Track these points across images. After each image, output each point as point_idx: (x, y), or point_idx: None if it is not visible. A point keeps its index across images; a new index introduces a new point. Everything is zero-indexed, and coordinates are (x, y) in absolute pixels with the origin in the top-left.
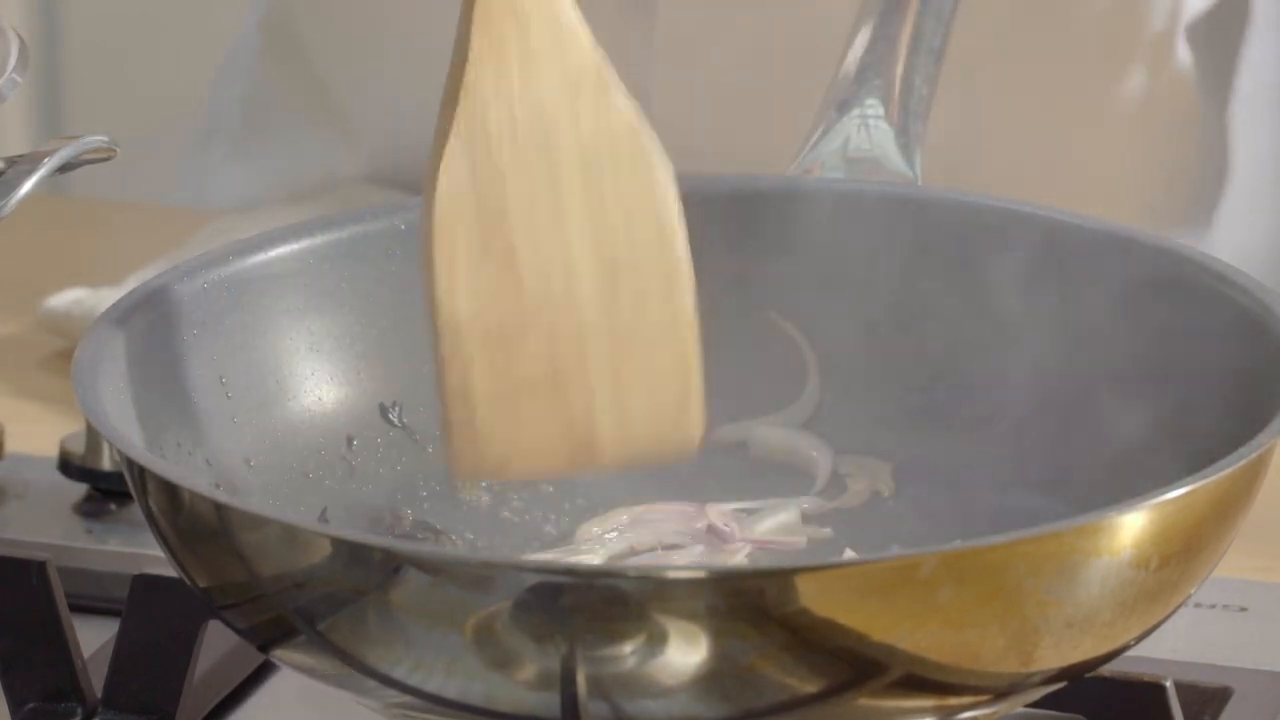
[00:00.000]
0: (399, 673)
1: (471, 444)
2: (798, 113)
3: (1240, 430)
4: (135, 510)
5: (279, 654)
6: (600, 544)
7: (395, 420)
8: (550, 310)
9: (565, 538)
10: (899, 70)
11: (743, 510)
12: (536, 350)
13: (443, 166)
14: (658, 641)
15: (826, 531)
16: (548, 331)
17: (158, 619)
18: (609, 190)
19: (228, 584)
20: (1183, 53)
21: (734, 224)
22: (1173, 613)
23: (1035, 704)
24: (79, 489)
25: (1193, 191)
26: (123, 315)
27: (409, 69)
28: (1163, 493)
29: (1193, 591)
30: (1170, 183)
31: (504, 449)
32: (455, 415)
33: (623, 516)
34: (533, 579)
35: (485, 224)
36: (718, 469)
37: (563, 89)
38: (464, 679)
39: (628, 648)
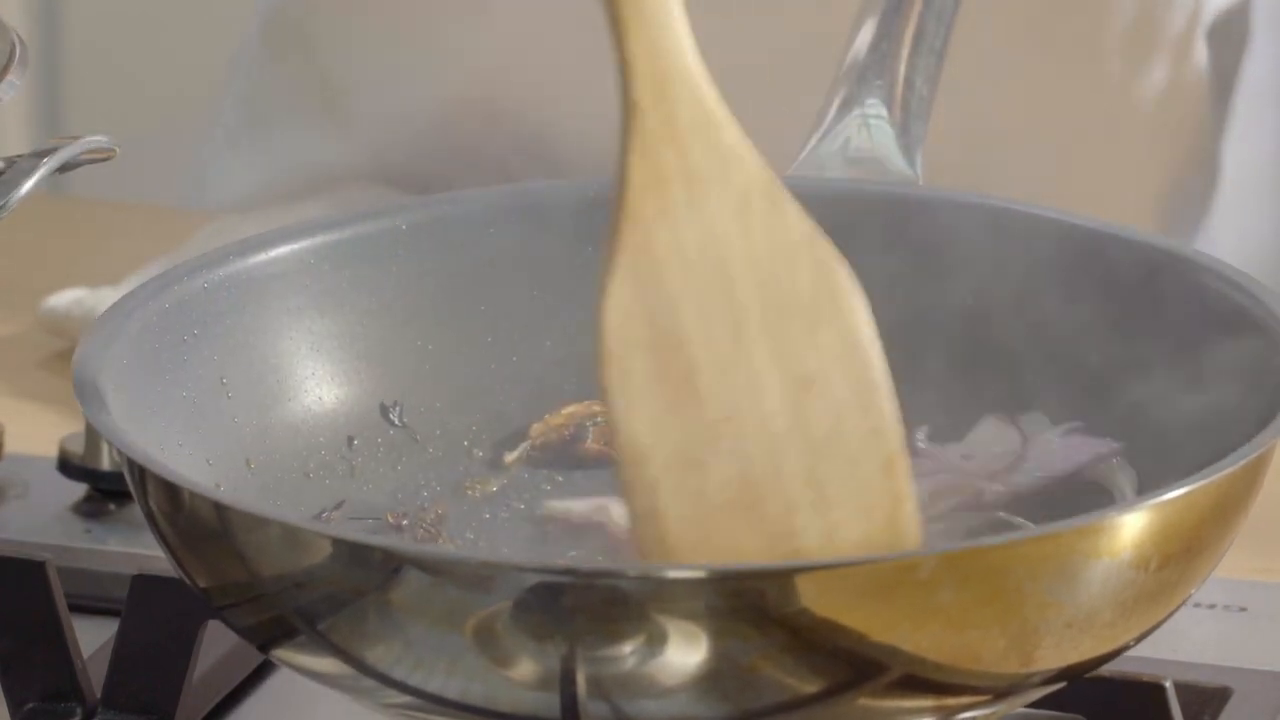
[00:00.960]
0: (399, 673)
1: None
2: (797, 112)
3: (1240, 430)
4: (135, 510)
5: (279, 654)
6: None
7: (395, 420)
8: (738, 429)
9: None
10: (900, 70)
11: None
12: (727, 471)
13: (609, 294)
14: (658, 641)
15: None
16: (737, 450)
17: (157, 619)
18: (790, 304)
19: (228, 584)
20: (1200, 54)
21: None
22: (1172, 613)
23: (1035, 704)
24: (78, 489)
25: (1207, 192)
26: (122, 315)
27: (415, 67)
28: (1162, 493)
29: (1193, 592)
30: (1186, 183)
31: None
32: (648, 541)
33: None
34: (533, 579)
35: (660, 348)
36: None
37: (731, 208)
38: (464, 679)
39: (628, 648)
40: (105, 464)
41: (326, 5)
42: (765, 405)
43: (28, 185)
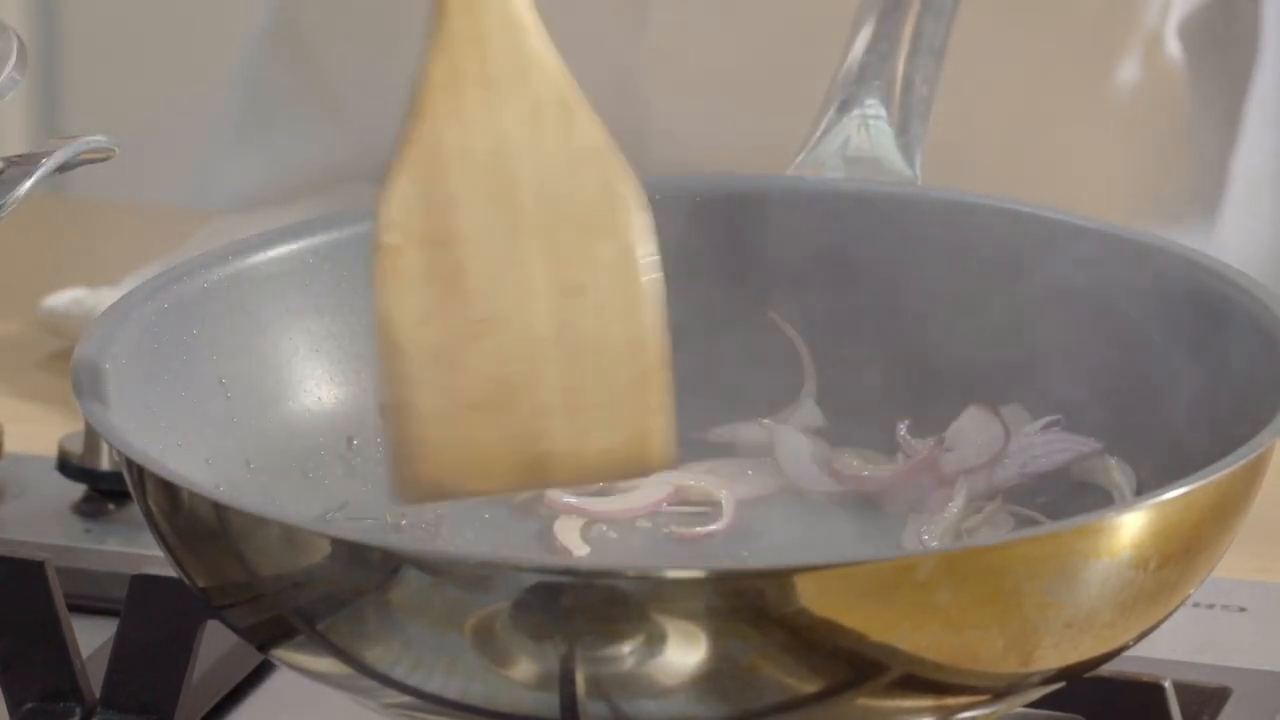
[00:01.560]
0: (399, 673)
1: (414, 462)
2: (793, 106)
3: (1240, 430)
4: (134, 510)
5: (278, 654)
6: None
7: None
8: (499, 330)
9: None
10: (899, 70)
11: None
12: (484, 369)
13: (389, 187)
14: (657, 641)
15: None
16: (496, 351)
17: (156, 619)
18: (570, 214)
19: (227, 584)
20: (1173, 48)
21: (734, 224)
22: (1172, 613)
23: (1034, 704)
24: (78, 489)
25: (1185, 189)
26: (122, 315)
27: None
28: (1162, 493)
29: (1192, 592)
30: (1161, 179)
31: (450, 468)
32: (397, 433)
33: None
34: (532, 579)
35: (433, 245)
36: None
37: (524, 114)
38: (464, 679)
39: (627, 648)
40: (105, 464)
41: (324, 8)
42: (530, 309)
43: (28, 185)
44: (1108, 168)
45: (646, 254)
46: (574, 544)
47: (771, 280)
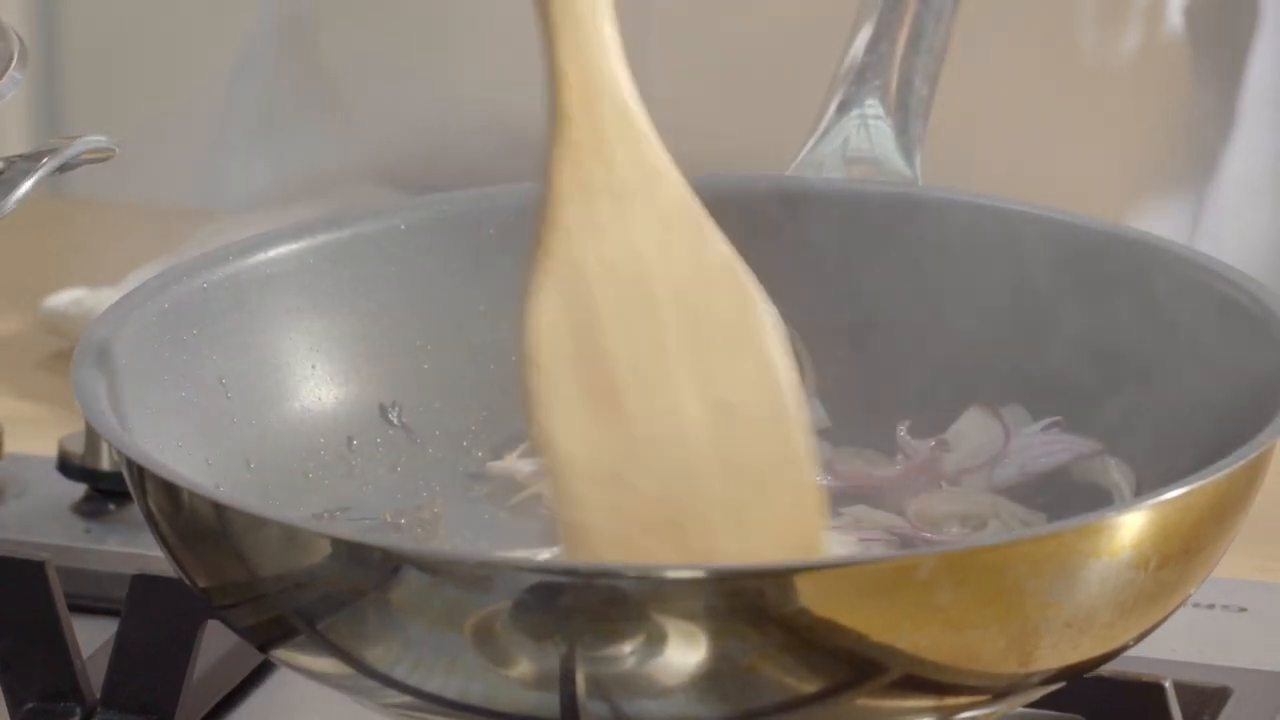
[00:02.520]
0: (399, 673)
1: None
2: (794, 104)
3: (1240, 430)
4: (134, 510)
5: (279, 654)
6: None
7: (395, 420)
8: (660, 447)
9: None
10: (899, 70)
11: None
12: (649, 489)
13: (536, 303)
14: (657, 641)
15: None
16: (659, 469)
17: (157, 619)
18: (710, 328)
19: (227, 584)
20: (1175, 19)
21: (734, 224)
22: (1172, 613)
23: (1035, 704)
24: (78, 489)
25: (1180, 169)
26: (122, 315)
27: (416, 69)
28: (1162, 493)
29: (1192, 592)
30: (1159, 155)
31: None
32: (579, 554)
33: None
34: (532, 579)
35: (585, 361)
36: None
37: (654, 225)
38: (464, 679)
39: (627, 648)
40: (105, 464)
41: (330, 9)
42: (686, 427)
43: (28, 185)
44: (1104, 147)
45: (787, 370)
46: None
47: (771, 280)
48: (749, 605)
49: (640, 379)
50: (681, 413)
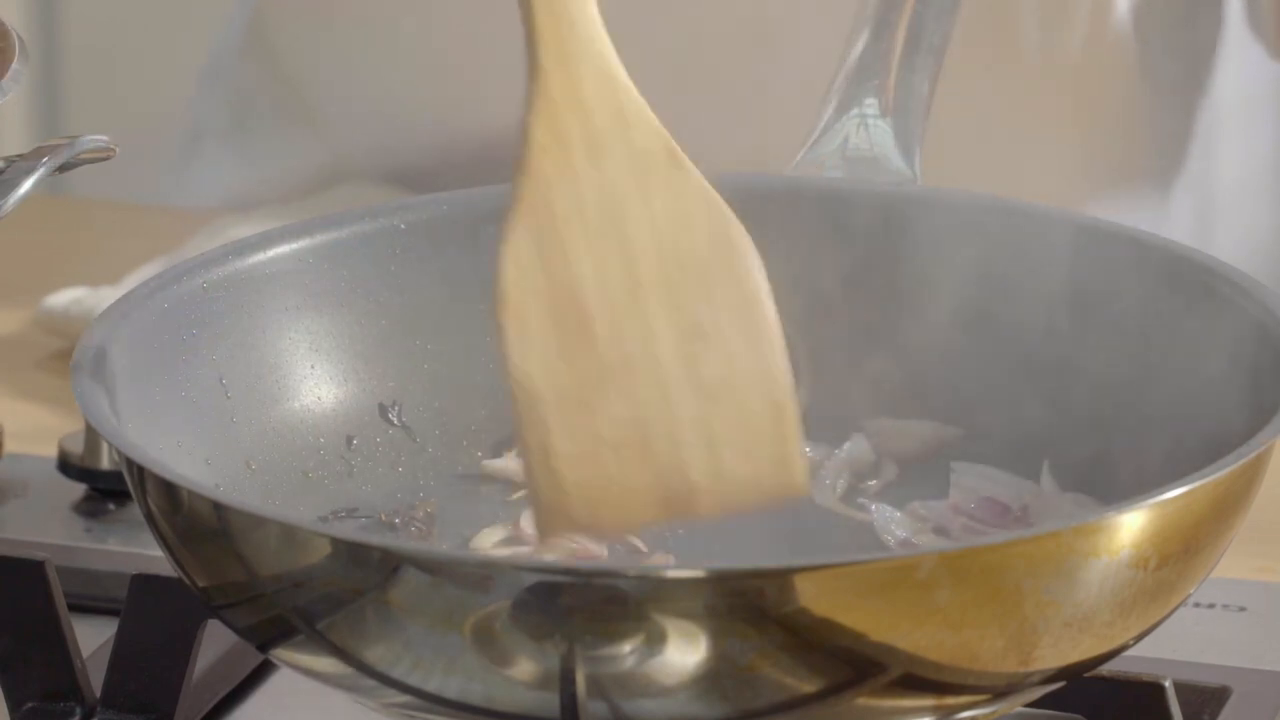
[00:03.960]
0: (398, 673)
1: (558, 502)
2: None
3: (1240, 430)
4: (134, 510)
5: (278, 654)
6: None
7: (395, 420)
8: (630, 374)
9: None
10: (898, 69)
11: None
12: (617, 412)
13: (508, 246)
14: (657, 641)
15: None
16: (628, 393)
17: (156, 618)
18: (685, 258)
19: (227, 584)
20: (1121, 17)
21: None
22: (1172, 613)
23: (1034, 704)
24: (78, 489)
25: (1135, 163)
26: (122, 315)
27: (381, 69)
28: (1162, 493)
29: (1192, 591)
30: (1113, 155)
31: (592, 505)
32: (539, 476)
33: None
34: (532, 579)
35: (556, 296)
36: None
37: (631, 168)
38: (463, 679)
39: (627, 647)
40: (105, 464)
41: (292, 11)
42: (657, 352)
43: (28, 185)
44: (1059, 145)
45: (764, 294)
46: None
47: (770, 280)
48: (749, 605)
49: (611, 307)
50: (653, 339)
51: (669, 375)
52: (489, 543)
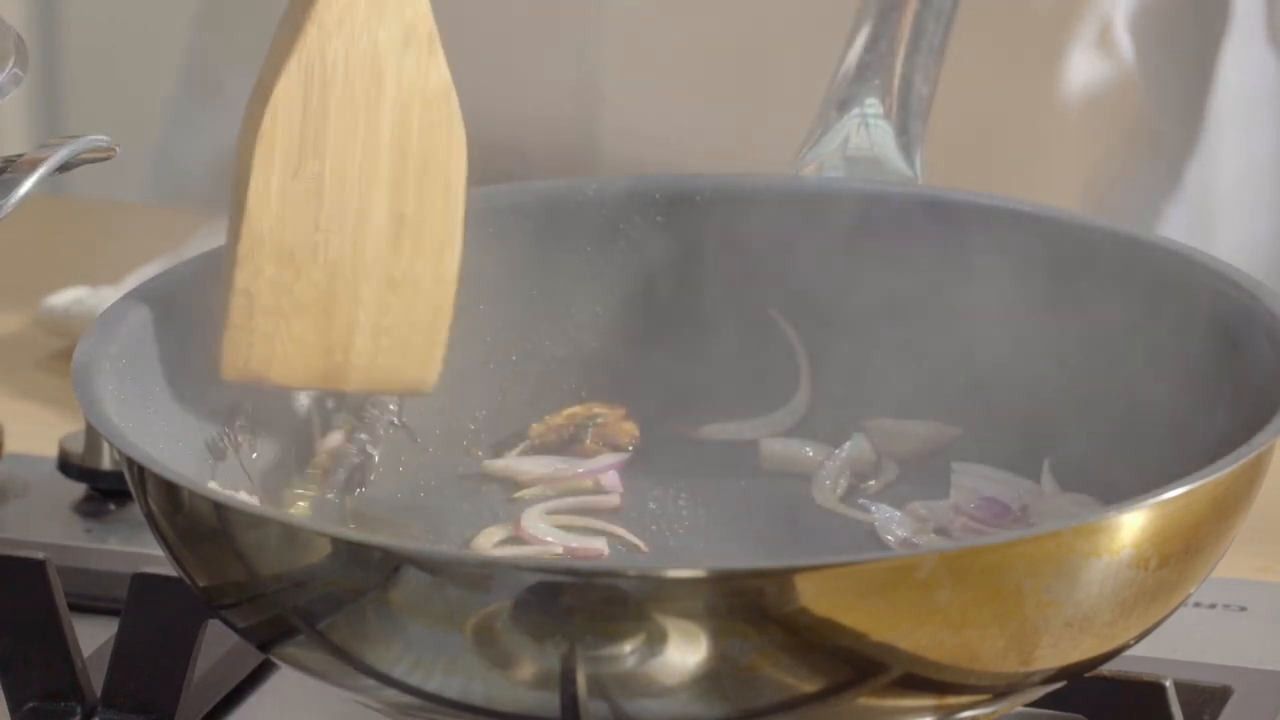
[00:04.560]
0: (399, 672)
1: (243, 346)
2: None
3: (1240, 430)
4: (135, 510)
5: (279, 653)
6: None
7: (395, 420)
8: (339, 244)
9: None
10: (899, 69)
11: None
12: (318, 277)
13: (279, 83)
14: (657, 641)
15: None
16: (332, 263)
17: (157, 618)
18: (412, 145)
19: (227, 583)
20: (1124, 43)
21: (734, 224)
22: (1172, 612)
23: (1035, 704)
24: (78, 489)
25: (1142, 182)
26: (122, 315)
27: None
28: (1162, 493)
29: (1192, 591)
30: (1112, 169)
31: (267, 358)
32: (236, 318)
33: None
34: (532, 578)
35: (304, 147)
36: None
37: (397, 40)
38: (464, 679)
39: (627, 647)
40: (105, 464)
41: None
42: (365, 229)
43: (28, 185)
44: (1062, 163)
45: (461, 201)
46: (546, 534)
47: (770, 280)
48: (749, 605)
49: (342, 174)
50: (365, 215)
51: (368, 254)
52: (490, 543)
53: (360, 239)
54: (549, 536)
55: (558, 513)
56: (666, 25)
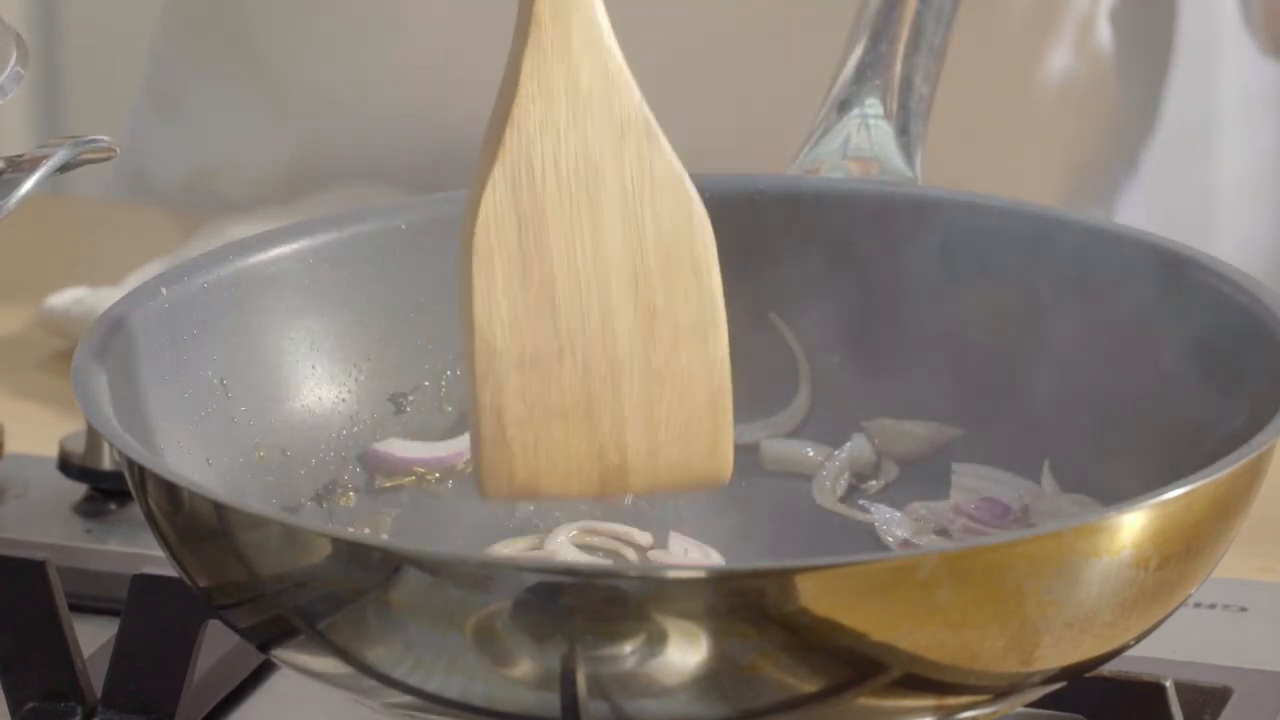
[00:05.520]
0: (399, 673)
1: (502, 462)
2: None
3: (1240, 430)
4: (135, 510)
5: (279, 654)
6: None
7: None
8: (585, 344)
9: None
10: (899, 69)
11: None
12: (570, 380)
13: (485, 195)
14: (657, 641)
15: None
16: (582, 364)
17: (157, 619)
18: (649, 235)
19: (227, 584)
20: (1104, 34)
21: (734, 224)
22: (1172, 613)
23: (1035, 704)
24: (78, 489)
25: (1111, 170)
26: (122, 315)
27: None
28: (1162, 493)
29: (1192, 591)
30: (1090, 160)
31: (533, 470)
32: (487, 433)
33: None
34: (533, 579)
35: (526, 254)
36: None
37: (609, 132)
38: (464, 679)
39: (628, 647)
40: (105, 464)
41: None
42: (613, 327)
43: (28, 185)
44: (1038, 155)
45: (717, 283)
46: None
47: (770, 280)
48: (749, 605)
49: (575, 275)
50: (610, 312)
51: (621, 351)
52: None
53: (609, 337)
54: (567, 555)
55: (592, 533)
56: (666, 25)
